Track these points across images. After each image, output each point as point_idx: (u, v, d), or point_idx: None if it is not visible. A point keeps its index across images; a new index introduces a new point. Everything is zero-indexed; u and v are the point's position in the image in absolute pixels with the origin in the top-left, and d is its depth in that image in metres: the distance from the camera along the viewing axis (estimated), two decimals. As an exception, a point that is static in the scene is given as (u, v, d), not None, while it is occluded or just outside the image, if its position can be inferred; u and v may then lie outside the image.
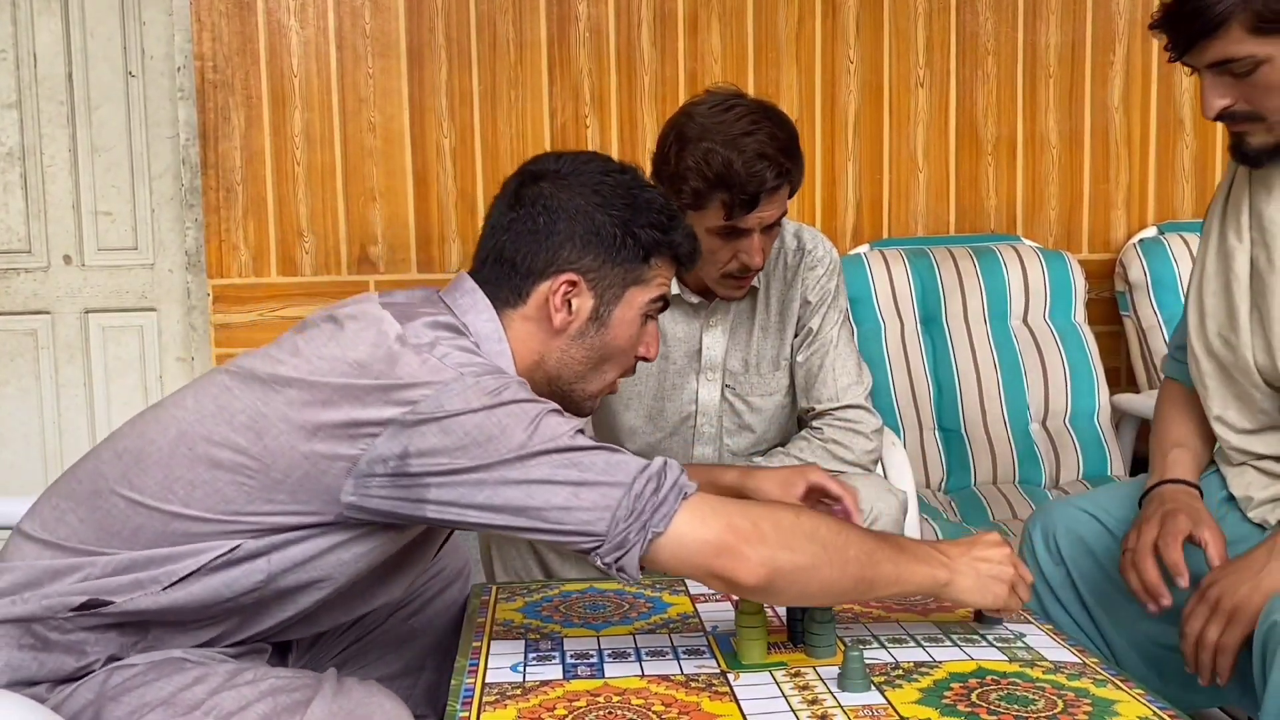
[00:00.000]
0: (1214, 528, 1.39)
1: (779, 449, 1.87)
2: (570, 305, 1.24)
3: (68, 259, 2.79)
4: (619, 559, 1.12)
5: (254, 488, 1.12)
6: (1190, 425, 1.54)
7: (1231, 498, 1.50)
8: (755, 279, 1.82)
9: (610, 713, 1.11)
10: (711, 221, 1.66)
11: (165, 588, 1.12)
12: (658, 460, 1.14)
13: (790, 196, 1.73)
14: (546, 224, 1.23)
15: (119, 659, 1.14)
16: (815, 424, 1.85)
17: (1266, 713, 1.20)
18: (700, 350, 1.85)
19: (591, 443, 1.14)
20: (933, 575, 1.22)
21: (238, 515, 1.13)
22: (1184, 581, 1.35)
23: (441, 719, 1.40)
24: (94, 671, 1.13)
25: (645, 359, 1.31)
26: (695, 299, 1.84)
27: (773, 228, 1.71)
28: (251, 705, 1.05)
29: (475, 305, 1.24)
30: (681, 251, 1.30)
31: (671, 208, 1.30)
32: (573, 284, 1.23)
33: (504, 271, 1.24)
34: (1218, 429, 1.50)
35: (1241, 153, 1.40)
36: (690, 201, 1.65)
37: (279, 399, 1.13)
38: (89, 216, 2.78)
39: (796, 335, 1.87)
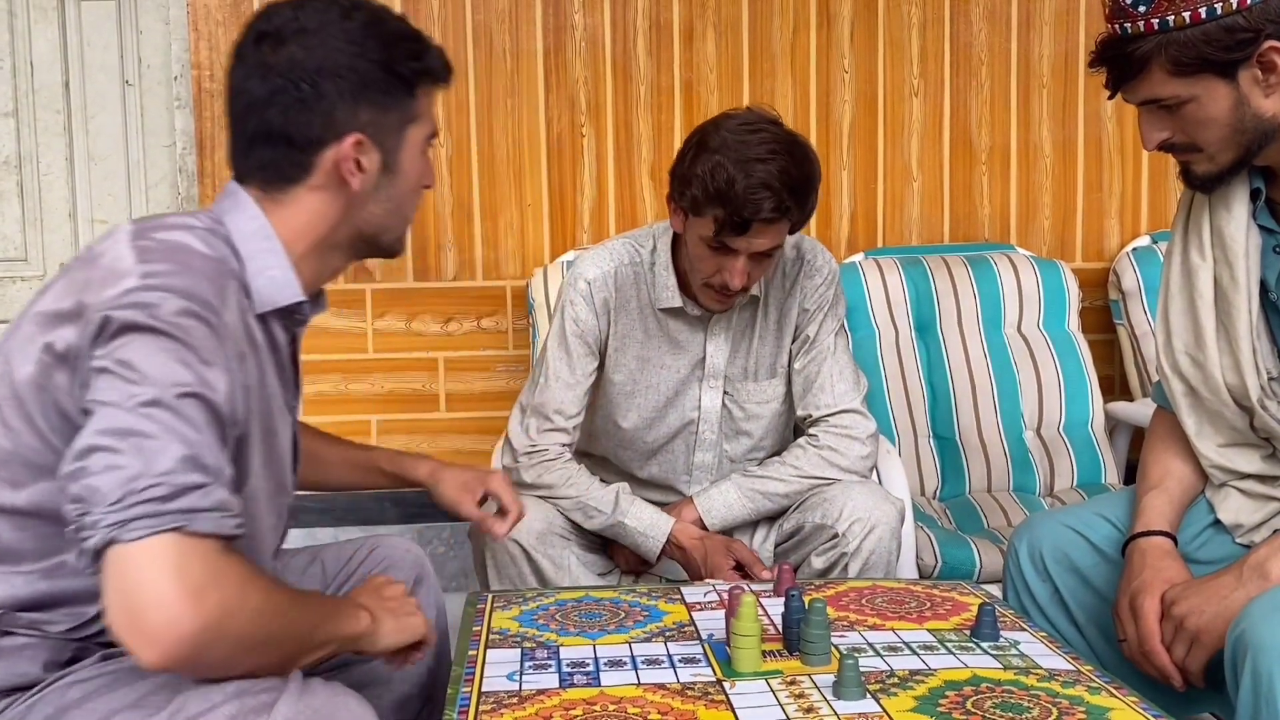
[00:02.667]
0: (1155, 595, 1.39)
1: (775, 459, 1.88)
2: (360, 164, 1.17)
3: (64, 267, 2.79)
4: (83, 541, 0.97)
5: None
6: (1171, 461, 1.54)
7: (1219, 521, 1.50)
8: (756, 289, 1.83)
9: (606, 721, 1.11)
10: (704, 230, 1.69)
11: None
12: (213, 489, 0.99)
13: (792, 232, 1.73)
14: (312, 90, 1.14)
15: (59, 663, 1.10)
16: (811, 431, 1.86)
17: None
18: (704, 358, 1.86)
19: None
20: (354, 623, 1.16)
21: None
22: (1178, 680, 1.37)
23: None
24: (48, 684, 1.09)
25: (428, 187, 1.28)
26: (698, 311, 1.85)
27: (765, 257, 1.72)
28: (218, 707, 1.01)
29: (238, 205, 1.17)
30: (440, 74, 1.23)
31: (415, 29, 1.22)
32: (359, 143, 1.16)
33: (279, 149, 1.16)
34: (1196, 448, 1.50)
35: (1189, 180, 1.43)
36: (689, 206, 1.69)
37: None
38: (85, 225, 2.78)
39: (794, 341, 1.88)
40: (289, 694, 1.01)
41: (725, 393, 1.88)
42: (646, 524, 1.78)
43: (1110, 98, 1.40)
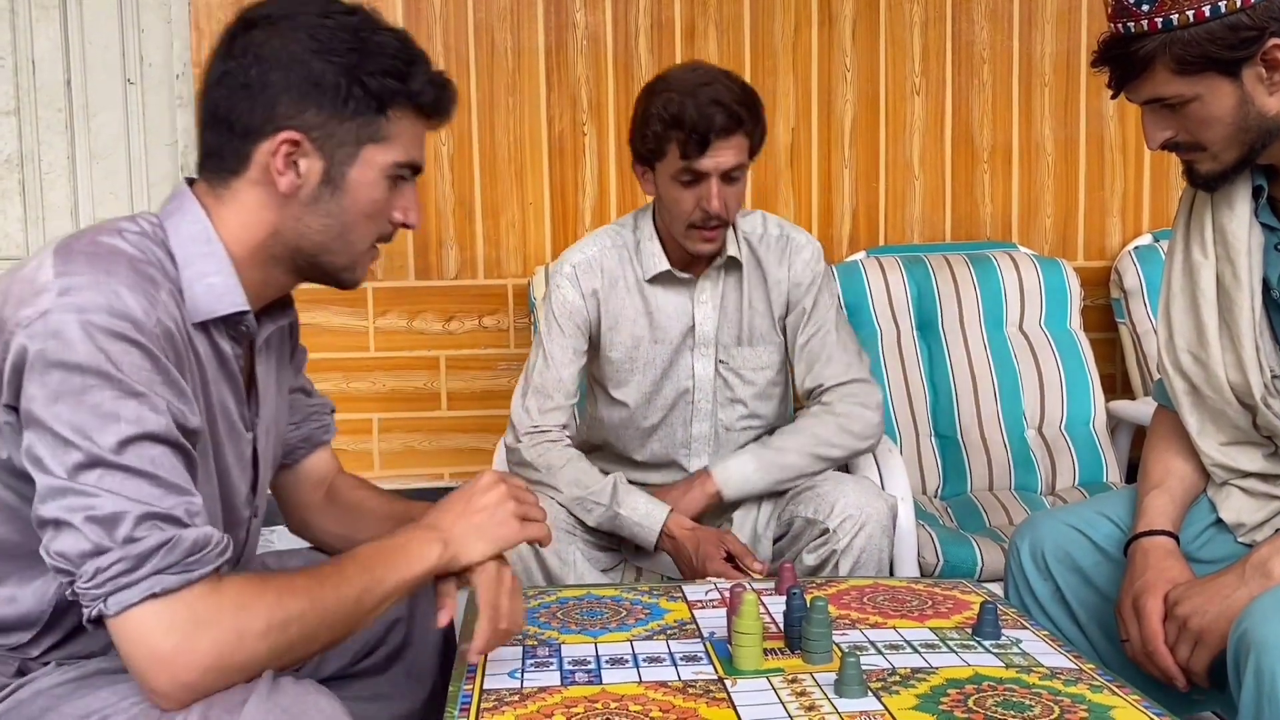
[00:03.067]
0: (1158, 596, 1.39)
1: (790, 427, 1.90)
2: (297, 167, 1.10)
3: None
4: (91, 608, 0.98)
5: None
6: (1172, 460, 1.54)
7: (1221, 521, 1.50)
8: (734, 250, 1.87)
9: (608, 719, 1.11)
10: (672, 166, 1.77)
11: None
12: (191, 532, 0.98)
13: (751, 155, 1.80)
14: (259, 76, 1.08)
15: (9, 674, 1.09)
16: (824, 399, 1.90)
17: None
18: (694, 326, 1.91)
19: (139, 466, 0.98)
20: (424, 557, 1.13)
21: None
22: (1181, 681, 1.37)
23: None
24: (9, 693, 1.07)
25: (407, 226, 1.18)
26: (684, 275, 1.90)
27: (733, 180, 1.78)
28: (192, 708, 0.99)
29: (182, 208, 1.12)
30: (424, 100, 1.13)
31: (411, 51, 1.13)
32: (294, 143, 1.08)
33: (222, 134, 1.10)
34: (1198, 446, 1.50)
35: (1193, 179, 1.43)
36: (654, 147, 1.77)
37: None
38: (87, 223, 2.78)
39: (789, 314, 1.92)
40: (258, 694, 1.00)
41: (720, 360, 1.93)
42: (642, 514, 1.80)
43: (1113, 97, 1.39)
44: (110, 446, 0.96)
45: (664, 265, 1.88)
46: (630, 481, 1.91)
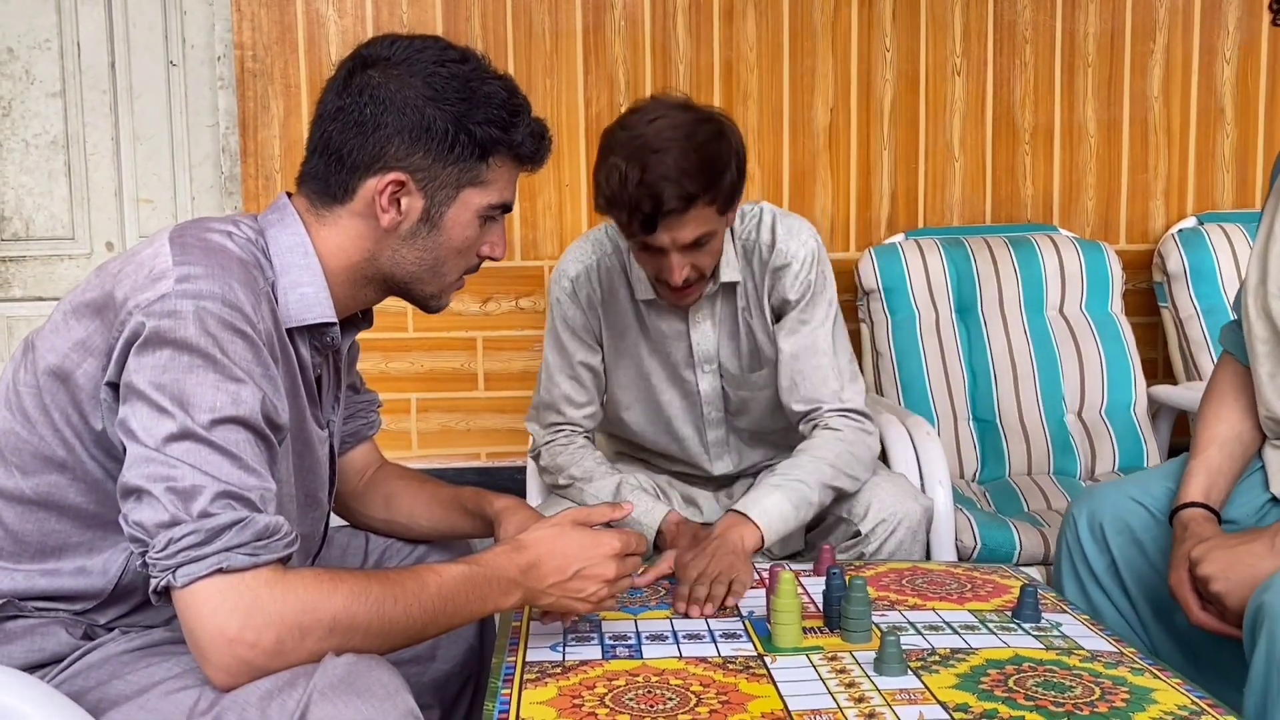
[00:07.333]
0: (1181, 574, 1.37)
1: (802, 459, 1.70)
2: (399, 205, 1.16)
3: (110, 245, 2.83)
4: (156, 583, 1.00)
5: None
6: (1217, 426, 1.51)
7: (1274, 498, 1.47)
8: (730, 274, 1.76)
9: (650, 692, 1.12)
10: (626, 235, 1.64)
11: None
12: (262, 517, 1.00)
13: (724, 212, 1.61)
14: (374, 116, 1.14)
15: (76, 638, 1.12)
16: (832, 424, 1.74)
17: (1250, 689, 1.20)
18: (691, 346, 1.84)
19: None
20: (499, 604, 1.15)
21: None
22: (1238, 634, 1.33)
23: (446, 711, 1.41)
24: (76, 659, 1.10)
25: (492, 258, 1.25)
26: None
27: (698, 247, 1.61)
28: (259, 680, 1.01)
29: (283, 219, 1.18)
30: (523, 150, 1.19)
31: (516, 102, 1.19)
32: (400, 184, 1.15)
33: (331, 164, 1.16)
34: (1263, 394, 1.46)
35: None
36: (604, 212, 1.63)
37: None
38: (131, 204, 2.82)
39: (779, 322, 1.79)
40: (323, 664, 1.02)
41: (721, 376, 1.86)
42: (642, 511, 1.77)
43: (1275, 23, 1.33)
44: (203, 422, 0.99)
45: (651, 294, 1.78)
46: (663, 471, 1.92)
